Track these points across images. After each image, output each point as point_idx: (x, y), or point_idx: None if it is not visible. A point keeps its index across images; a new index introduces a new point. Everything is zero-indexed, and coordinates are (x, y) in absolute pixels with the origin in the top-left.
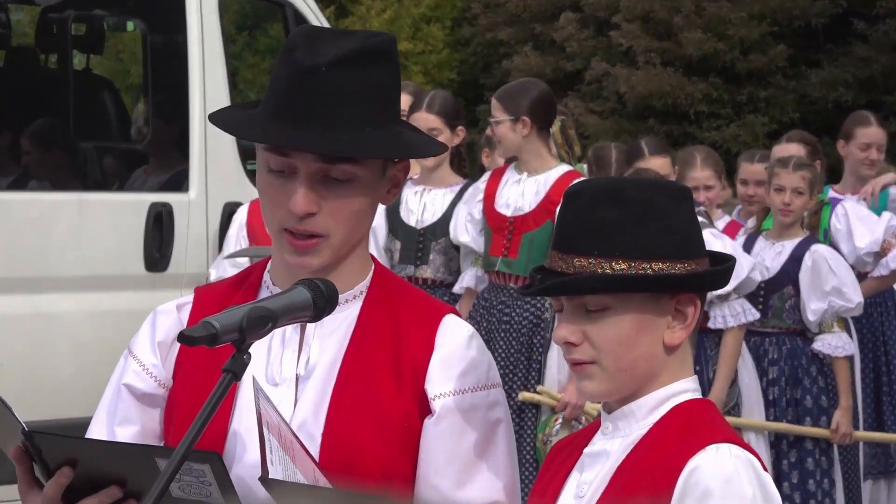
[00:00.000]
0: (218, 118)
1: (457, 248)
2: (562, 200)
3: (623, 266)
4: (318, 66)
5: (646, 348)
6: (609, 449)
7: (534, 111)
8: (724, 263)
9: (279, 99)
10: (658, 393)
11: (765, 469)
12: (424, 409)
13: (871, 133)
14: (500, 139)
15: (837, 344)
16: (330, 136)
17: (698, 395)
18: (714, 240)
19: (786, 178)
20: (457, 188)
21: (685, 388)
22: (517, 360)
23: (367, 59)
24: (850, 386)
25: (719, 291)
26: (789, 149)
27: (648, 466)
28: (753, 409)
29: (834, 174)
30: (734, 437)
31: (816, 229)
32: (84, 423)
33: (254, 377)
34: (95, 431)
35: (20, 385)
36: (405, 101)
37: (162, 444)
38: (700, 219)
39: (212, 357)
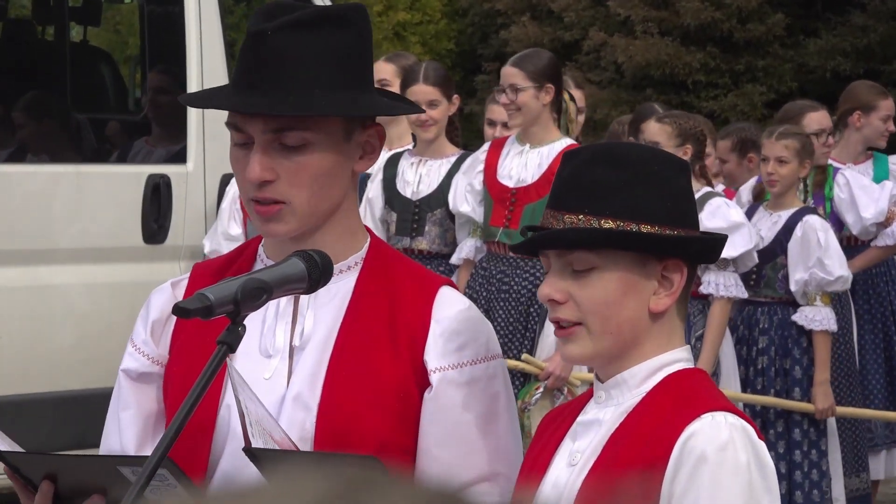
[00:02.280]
0: (185, 96)
1: (453, 219)
2: (560, 160)
3: (611, 225)
4: (263, 31)
5: (631, 312)
6: (602, 417)
7: (554, 79)
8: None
9: (235, 68)
10: (651, 362)
11: (761, 438)
12: (422, 379)
13: (890, 105)
14: (520, 107)
15: (815, 317)
16: (274, 99)
17: (691, 365)
18: (726, 208)
19: (769, 148)
20: (453, 159)
21: (678, 358)
22: (515, 328)
23: (318, 24)
24: (827, 361)
25: (722, 255)
26: (825, 116)
27: (643, 435)
28: (730, 380)
29: None
30: (729, 405)
31: (823, 185)
32: (81, 395)
33: (235, 369)
34: (108, 419)
35: (19, 357)
36: (390, 71)
37: (163, 422)
38: (708, 188)
39: (205, 330)
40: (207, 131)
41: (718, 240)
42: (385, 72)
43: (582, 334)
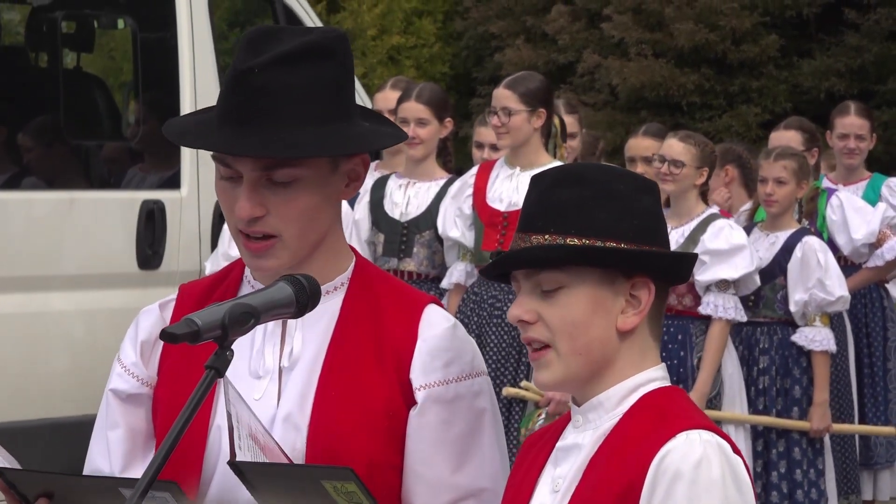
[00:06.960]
0: (170, 126)
1: (441, 241)
2: (529, 184)
3: (577, 242)
4: (251, 68)
5: (599, 331)
6: (580, 442)
7: (546, 103)
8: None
9: (221, 103)
10: (625, 383)
11: (737, 453)
12: (409, 398)
13: (847, 122)
14: (511, 130)
15: (815, 338)
16: (266, 138)
17: (667, 384)
18: (729, 230)
19: (767, 169)
20: (442, 181)
21: (653, 377)
22: (508, 354)
23: (305, 58)
24: (827, 381)
25: (722, 276)
26: (786, 136)
27: (620, 457)
28: (735, 401)
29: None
30: (705, 423)
31: (815, 215)
32: (76, 422)
33: (226, 377)
34: (94, 439)
35: (13, 384)
36: (392, 95)
37: (152, 442)
38: (714, 209)
39: (194, 352)
40: (201, 156)
41: (685, 258)
42: (393, 101)
43: (551, 358)
